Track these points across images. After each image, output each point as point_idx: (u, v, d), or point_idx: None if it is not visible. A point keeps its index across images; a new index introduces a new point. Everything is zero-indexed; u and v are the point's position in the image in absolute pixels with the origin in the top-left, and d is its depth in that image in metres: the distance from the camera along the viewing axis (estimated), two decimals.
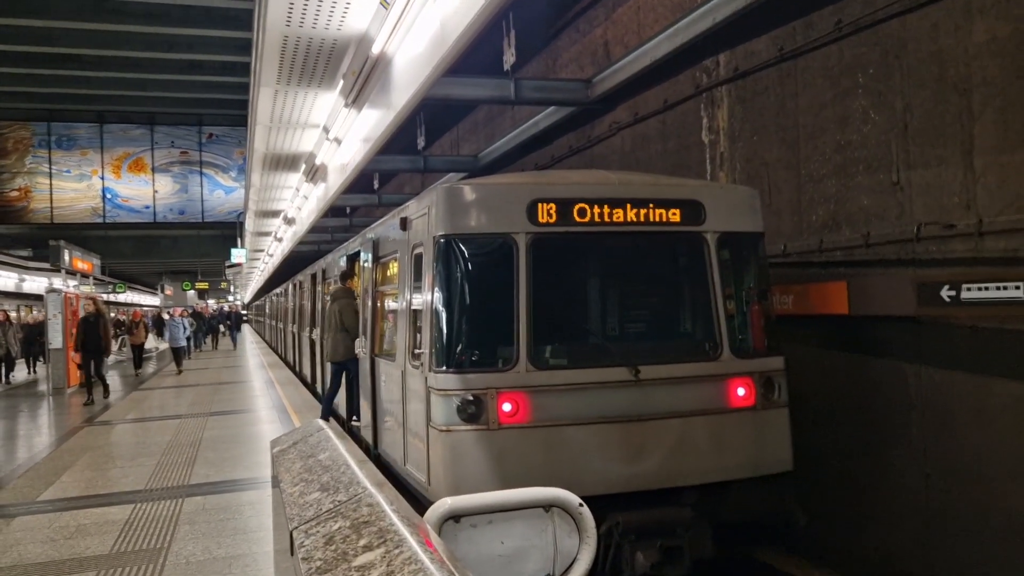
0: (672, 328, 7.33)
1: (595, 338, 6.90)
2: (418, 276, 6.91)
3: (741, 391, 6.53)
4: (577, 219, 6.41)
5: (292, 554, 1.82)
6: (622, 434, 6.18)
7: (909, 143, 6.70)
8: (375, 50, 8.34)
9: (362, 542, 1.53)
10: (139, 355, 23.27)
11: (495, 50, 10.50)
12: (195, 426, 11.59)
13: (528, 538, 2.61)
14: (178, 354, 22.50)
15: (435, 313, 6.36)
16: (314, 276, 16.29)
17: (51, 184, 47.08)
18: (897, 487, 6.93)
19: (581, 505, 2.68)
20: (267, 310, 40.67)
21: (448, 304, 6.33)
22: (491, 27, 6.93)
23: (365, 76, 9.16)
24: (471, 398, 6.00)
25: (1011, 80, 5.89)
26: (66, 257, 19.73)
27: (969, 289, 5.89)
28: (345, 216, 27.19)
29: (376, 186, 23.13)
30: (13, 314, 32.00)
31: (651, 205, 6.57)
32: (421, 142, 16.01)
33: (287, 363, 23.10)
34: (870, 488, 7.21)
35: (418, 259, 6.93)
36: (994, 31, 6.00)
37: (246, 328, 59.64)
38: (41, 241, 37.49)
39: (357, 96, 9.93)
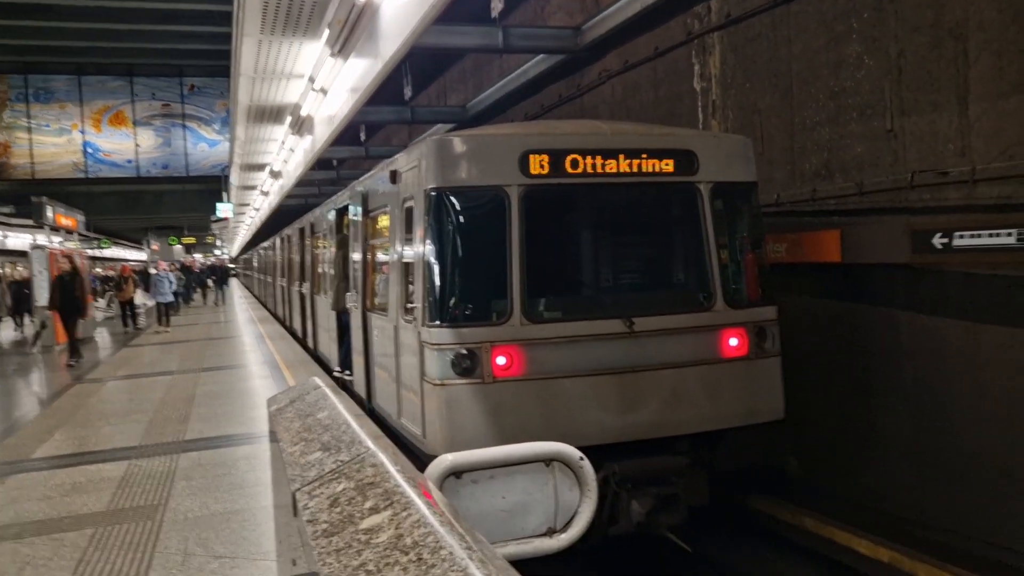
0: (665, 279, 7.33)
1: (589, 290, 6.89)
2: (409, 230, 6.87)
3: (734, 341, 6.57)
4: (570, 170, 6.36)
5: (295, 515, 1.80)
6: (617, 385, 6.24)
7: (903, 89, 6.63)
8: None
9: (368, 504, 1.51)
10: (129, 312, 22.35)
11: None
12: (188, 382, 11.58)
13: (529, 492, 2.60)
14: (165, 310, 21.31)
15: (427, 267, 6.33)
16: (302, 230, 16.19)
17: (30, 139, 46.26)
18: (889, 432, 7.02)
19: (582, 459, 2.68)
20: (255, 264, 40.51)
21: (440, 258, 6.29)
22: None
23: (351, 25, 8.95)
24: (465, 352, 6.02)
25: (1008, 24, 5.81)
26: (49, 213, 19.48)
27: (962, 236, 5.89)
28: (332, 169, 26.93)
29: (363, 138, 22.85)
30: None
31: (644, 155, 6.52)
32: (408, 92, 15.75)
33: (277, 317, 23.10)
34: (862, 434, 7.30)
35: (409, 212, 6.88)
36: None
37: (234, 283, 59.47)
38: (23, 197, 36.98)
39: (343, 45, 9.73)
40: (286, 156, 20.02)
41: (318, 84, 11.80)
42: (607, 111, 11.26)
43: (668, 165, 6.57)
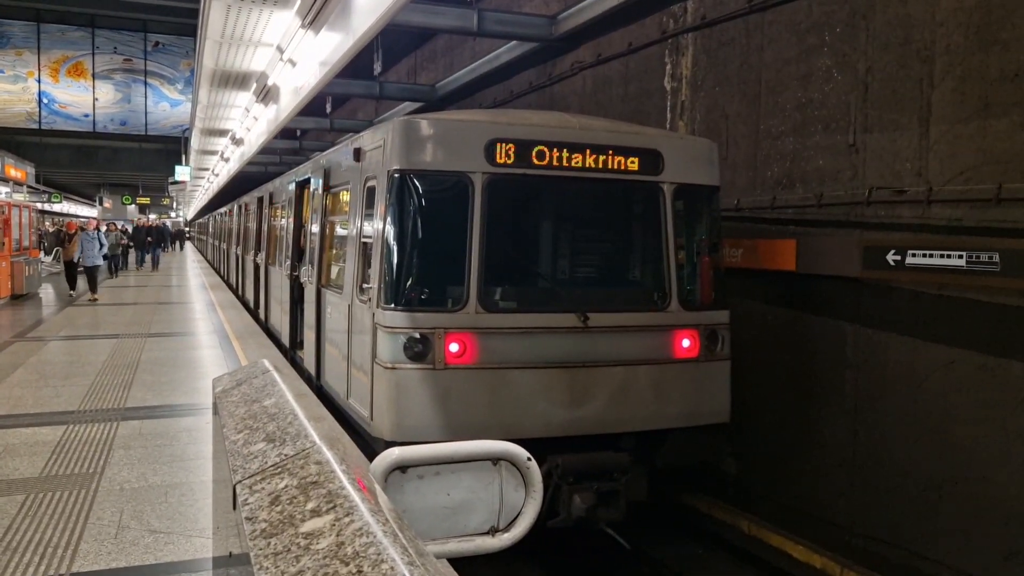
0: (623, 277, 7.35)
1: (546, 283, 6.88)
2: (370, 209, 6.80)
3: (686, 342, 6.63)
4: (536, 162, 6.33)
5: (235, 508, 1.76)
6: (567, 379, 6.26)
7: (868, 106, 6.73)
8: None
9: (310, 505, 1.49)
10: (73, 271, 20.18)
11: None
12: (132, 347, 11.34)
13: (474, 491, 2.60)
14: (92, 275, 18.40)
15: (386, 248, 6.28)
16: (261, 199, 15.96)
17: None
18: (826, 441, 7.18)
19: (529, 459, 2.68)
20: (210, 230, 39.68)
21: (399, 240, 6.25)
22: None
23: None
24: (418, 336, 6.00)
25: (973, 50, 5.93)
26: None
27: (914, 255, 6.02)
28: (295, 138, 26.52)
29: (329, 110, 22.53)
30: None
31: (610, 152, 6.51)
32: (378, 67, 15.57)
33: (230, 286, 22.73)
34: (800, 440, 7.45)
35: (371, 192, 6.81)
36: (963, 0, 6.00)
37: (188, 246, 58.31)
38: None
39: (315, 17, 9.53)
40: (249, 124, 19.63)
41: (287, 55, 11.57)
42: (577, 103, 11.25)
43: (633, 163, 6.58)
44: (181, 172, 36.16)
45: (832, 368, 7.11)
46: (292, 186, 11.50)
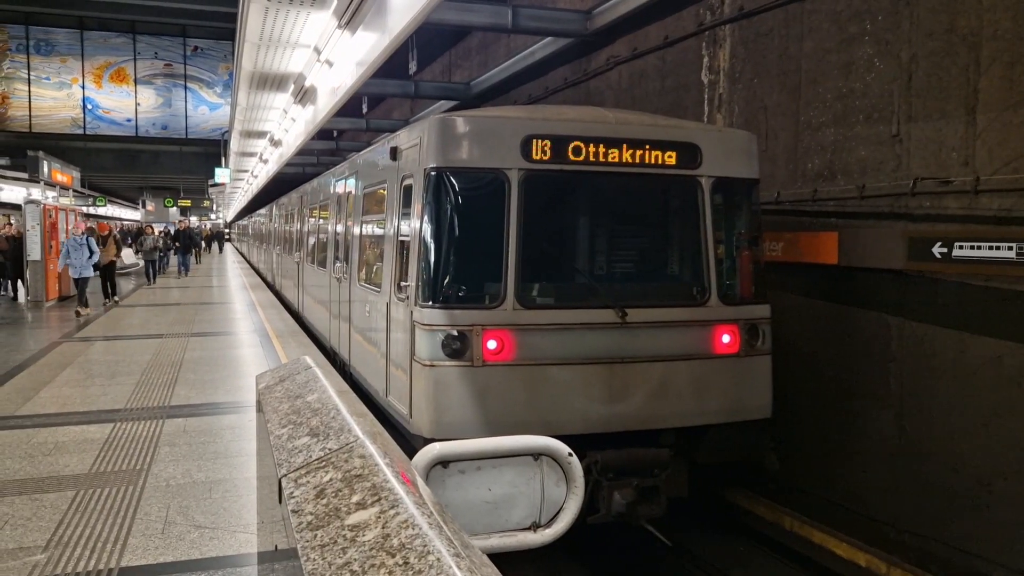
0: (661, 271, 7.25)
1: (583, 279, 6.79)
2: (407, 207, 6.81)
3: (726, 338, 6.54)
4: (572, 157, 6.29)
5: (280, 502, 1.78)
6: (605, 375, 6.21)
7: (912, 95, 6.59)
8: None
9: (355, 498, 1.49)
10: (109, 277, 18.27)
11: None
12: (176, 346, 11.55)
13: (516, 486, 2.59)
14: (81, 288, 15.82)
15: (423, 246, 6.29)
16: (298, 200, 16.33)
17: (29, 91, 45.79)
18: (871, 436, 7.05)
19: (570, 455, 2.67)
20: (250, 231, 40.33)
21: (436, 238, 6.24)
22: None
23: None
24: (456, 334, 6.00)
25: (1022, 34, 5.76)
26: (45, 168, 19.30)
27: (961, 247, 5.87)
28: (331, 139, 26.77)
29: (364, 110, 22.70)
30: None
31: (647, 146, 6.45)
32: (413, 67, 15.64)
33: (270, 286, 23.09)
34: (844, 435, 7.32)
35: (407, 190, 6.82)
36: None
37: (228, 248, 59.21)
38: (19, 150, 36.62)
39: (352, 17, 9.60)
40: (287, 125, 19.86)
41: (324, 56, 11.67)
42: (612, 97, 11.18)
43: (671, 157, 6.51)
44: (221, 174, 36.72)
45: (877, 362, 6.98)
46: (329, 186, 11.59)
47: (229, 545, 4.41)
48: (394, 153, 7.26)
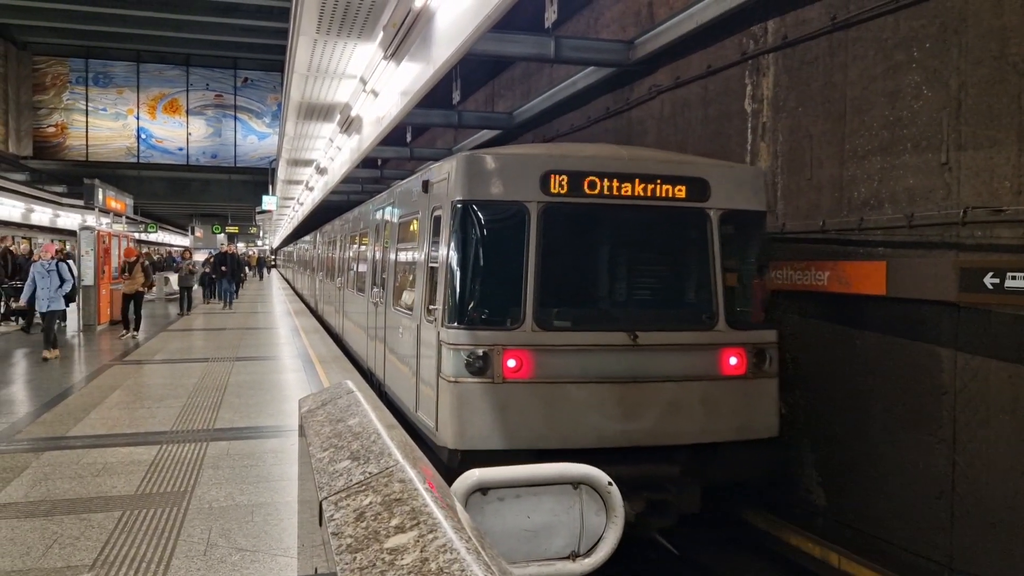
0: (672, 297, 7.64)
1: (598, 303, 7.24)
2: (436, 236, 7.32)
3: (733, 360, 6.92)
4: (587, 191, 6.78)
5: (321, 524, 1.79)
6: (618, 394, 6.62)
7: (961, 123, 6.47)
8: (418, 2, 8.17)
9: (394, 522, 1.49)
10: (135, 309, 16.19)
11: (536, 6, 10.28)
12: (221, 370, 11.73)
13: (555, 514, 2.58)
14: (48, 325, 12.90)
15: (450, 272, 6.80)
16: (338, 228, 17.37)
17: (87, 121, 47.38)
18: (921, 472, 6.84)
19: (610, 484, 2.65)
20: (294, 258, 41.04)
21: (462, 265, 6.75)
22: None
23: (407, 29, 9.01)
24: (479, 353, 6.47)
25: None
26: (100, 196, 19.89)
27: (1014, 278, 5.72)
28: (376, 168, 27.16)
29: (408, 139, 23.00)
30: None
31: (659, 181, 6.92)
32: (456, 97, 15.84)
33: (313, 311, 23.44)
34: (893, 471, 7.12)
35: (437, 220, 7.32)
36: None
37: (274, 274, 60.17)
38: (76, 178, 37.86)
39: (397, 49, 9.79)
40: (333, 154, 20.23)
41: (369, 86, 11.90)
42: (655, 127, 11.19)
43: (681, 191, 6.97)
44: (268, 202, 37.45)
45: (927, 395, 6.80)
46: (367, 216, 12.28)
47: (270, 568, 4.44)
48: (426, 186, 7.82)
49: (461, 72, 14.84)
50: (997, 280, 5.80)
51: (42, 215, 36.72)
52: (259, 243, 78.40)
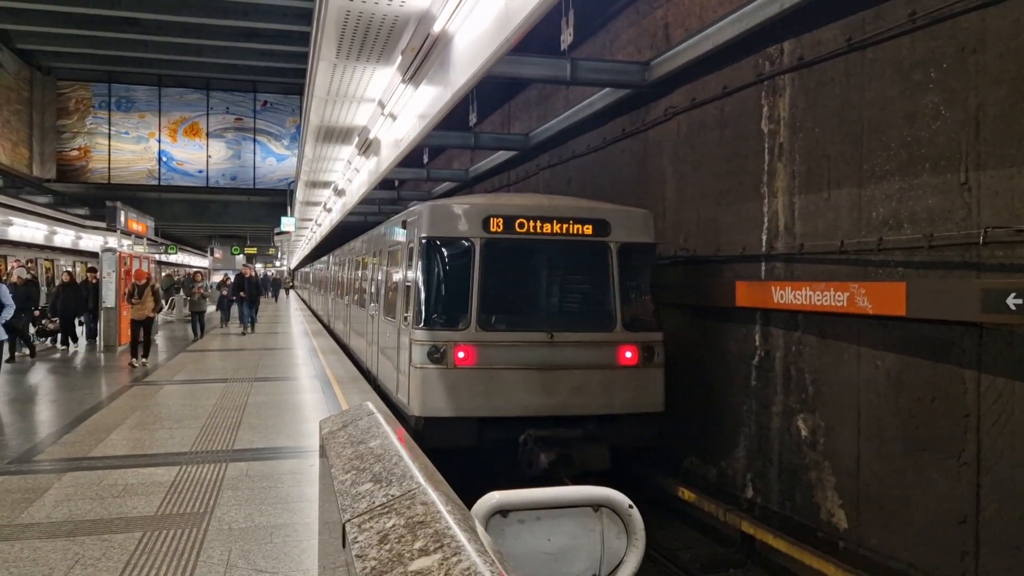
0: (581, 307, 9.69)
1: (525, 311, 9.38)
2: (410, 262, 9.60)
3: (628, 354, 9.07)
4: (518, 230, 9.04)
5: (344, 546, 1.80)
6: (539, 377, 8.81)
7: (980, 143, 6.45)
8: (436, 28, 8.27)
9: (417, 544, 1.50)
10: (144, 335, 15.15)
11: (551, 28, 10.35)
12: (240, 391, 11.80)
13: (576, 537, 2.57)
14: None
15: (417, 289, 9.13)
16: (344, 254, 20.38)
17: (109, 145, 48.06)
18: (944, 495, 6.76)
19: (631, 507, 2.64)
20: (310, 279, 41.46)
21: (427, 283, 9.13)
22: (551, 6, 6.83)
23: (424, 53, 9.11)
24: (437, 348, 8.75)
25: None
26: (122, 218, 20.14)
27: None
28: (393, 189, 27.34)
29: (425, 160, 23.15)
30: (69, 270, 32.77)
31: (571, 221, 9.14)
32: (473, 119, 15.94)
33: (326, 326, 23.76)
34: (915, 493, 7.04)
35: (410, 251, 9.63)
36: None
37: (292, 295, 60.50)
38: (98, 200, 38.36)
39: (415, 73, 9.89)
40: (351, 175, 20.39)
41: (388, 109, 12.02)
42: (671, 148, 11.22)
43: (588, 229, 9.18)
44: (287, 223, 37.73)
45: (949, 416, 6.73)
46: (367, 245, 15.16)
47: None
48: (404, 225, 10.26)
49: (477, 94, 14.95)
50: (1020, 301, 5.75)
51: (64, 237, 37.22)
52: (277, 263, 78.96)
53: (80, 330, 19.43)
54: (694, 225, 10.56)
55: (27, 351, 16.25)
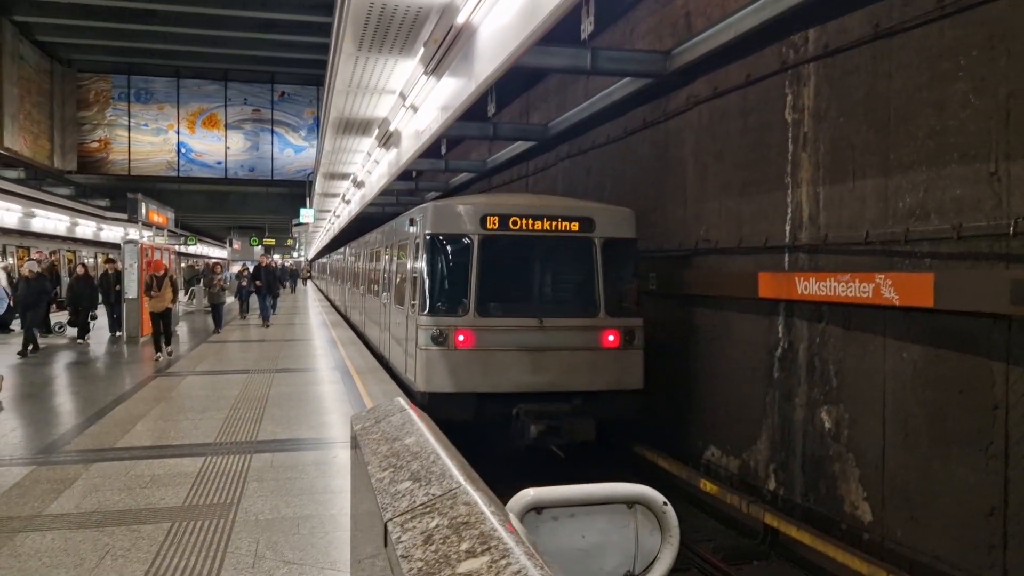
0: (568, 296, 10.65)
1: (517, 299, 10.31)
2: (416, 256, 10.69)
3: (611, 337, 10.09)
4: (511, 227, 10.09)
5: (385, 545, 1.80)
6: (531, 358, 9.85)
7: (1011, 132, 6.35)
8: (460, 19, 8.22)
9: (464, 546, 1.50)
10: (163, 329, 14.84)
11: (571, 18, 10.27)
12: (261, 382, 11.87)
13: (609, 534, 2.57)
14: None
15: (423, 279, 10.22)
16: (357, 246, 21.61)
17: (129, 137, 48.39)
18: (971, 488, 6.69)
19: (665, 504, 2.64)
20: (327, 270, 41.69)
21: (431, 275, 10.21)
22: None
23: (448, 45, 9.07)
24: (439, 331, 9.85)
25: None
26: (143, 210, 20.28)
27: None
28: (411, 180, 27.32)
29: (443, 151, 23.12)
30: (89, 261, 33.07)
31: (560, 219, 10.17)
32: (491, 109, 15.85)
33: (342, 314, 24.07)
34: (941, 487, 6.97)
35: (416, 245, 10.72)
36: None
37: (310, 286, 60.76)
38: (118, 191, 38.65)
39: (438, 64, 9.86)
40: (370, 167, 20.40)
41: (409, 101, 12.00)
42: (692, 138, 11.13)
43: (575, 226, 10.21)
44: (305, 214, 37.87)
45: (976, 409, 6.65)
46: (380, 238, 16.36)
47: None
48: (411, 222, 11.22)
49: (496, 84, 14.87)
50: None
51: (86, 228, 37.53)
52: (295, 254, 79.27)
53: (93, 323, 19.27)
54: (716, 216, 10.48)
55: (30, 347, 15.36)
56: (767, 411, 9.41)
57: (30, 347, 15.29)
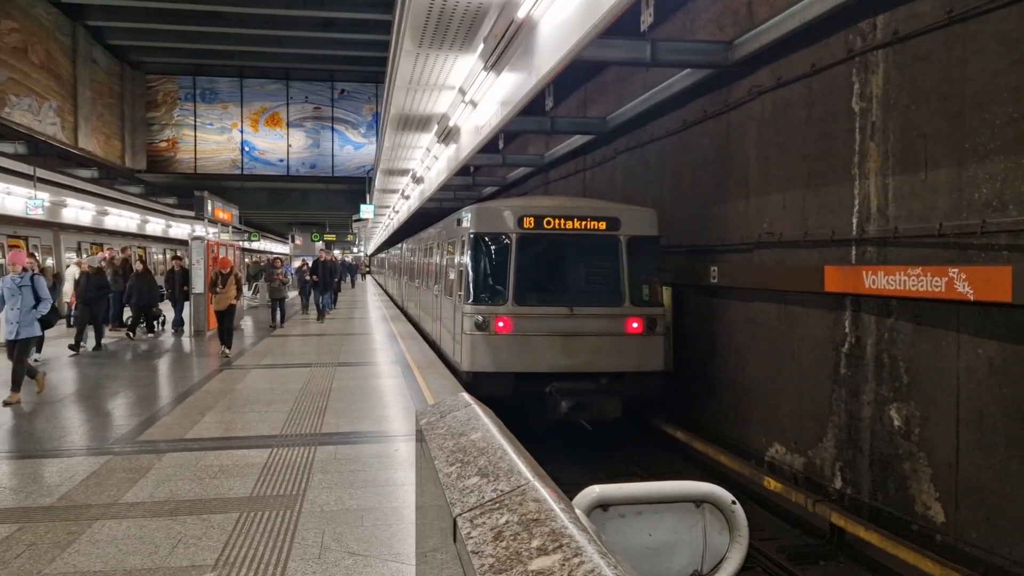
0: (596, 287, 11.80)
1: (551, 290, 11.60)
2: (462, 252, 12.15)
3: (635, 324, 11.40)
4: (545, 226, 11.54)
5: (454, 540, 1.81)
6: (562, 342, 11.24)
7: None
8: (520, 14, 8.20)
9: (535, 543, 1.49)
10: (226, 325, 15.04)
11: (630, 10, 10.17)
12: (324, 376, 12.08)
13: (677, 532, 2.54)
14: (20, 358, 9.76)
15: (467, 273, 11.66)
16: (419, 241, 22.32)
17: (195, 136, 49.69)
18: None
19: (734, 503, 2.60)
20: (386, 265, 42.41)
21: (475, 269, 11.61)
22: None
23: (508, 40, 9.06)
24: (482, 318, 11.33)
25: None
26: (209, 207, 20.81)
27: None
28: (468, 175, 27.45)
29: (501, 146, 23.15)
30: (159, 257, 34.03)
31: (589, 219, 11.53)
32: (549, 103, 15.81)
33: (399, 307, 24.62)
34: (1017, 486, 6.71)
35: (463, 243, 12.20)
36: None
37: (369, 280, 61.57)
38: (185, 190, 39.75)
39: (497, 60, 9.86)
40: (430, 163, 20.55)
41: (468, 96, 12.04)
42: (755, 129, 10.92)
43: (602, 225, 11.54)
44: (365, 210, 38.33)
45: None
46: (433, 236, 18.06)
47: (381, 573, 4.53)
48: (458, 222, 12.85)
49: (554, 79, 14.84)
50: None
51: (155, 226, 38.72)
52: (355, 250, 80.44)
53: (162, 319, 19.66)
54: (780, 208, 10.27)
55: (91, 343, 15.44)
56: (833, 408, 9.19)
57: (83, 343, 15.16)
